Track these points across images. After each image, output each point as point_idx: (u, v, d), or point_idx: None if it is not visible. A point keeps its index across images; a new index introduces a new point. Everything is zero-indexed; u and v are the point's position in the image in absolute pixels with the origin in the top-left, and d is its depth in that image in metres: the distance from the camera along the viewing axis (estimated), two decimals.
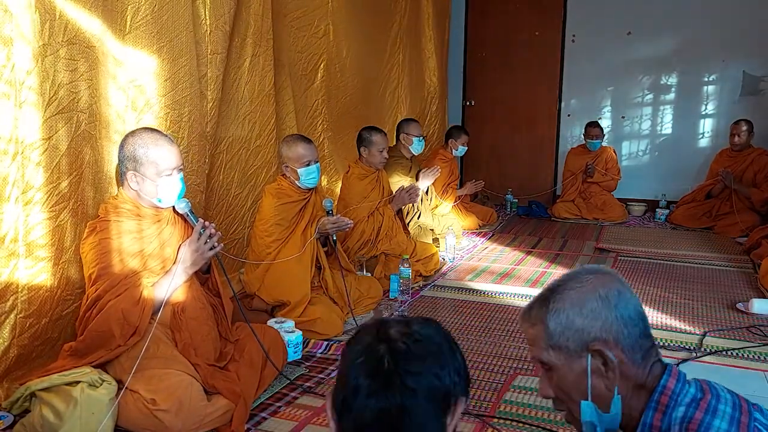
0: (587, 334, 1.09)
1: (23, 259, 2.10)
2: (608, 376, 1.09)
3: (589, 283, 1.12)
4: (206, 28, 2.94)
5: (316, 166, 3.16)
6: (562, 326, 1.10)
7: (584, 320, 1.09)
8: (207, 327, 2.27)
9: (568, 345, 1.10)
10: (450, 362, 0.91)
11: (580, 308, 1.10)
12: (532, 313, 1.16)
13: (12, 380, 2.12)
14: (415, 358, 0.88)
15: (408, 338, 0.90)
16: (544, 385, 1.17)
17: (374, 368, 0.87)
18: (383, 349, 0.89)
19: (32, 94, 2.07)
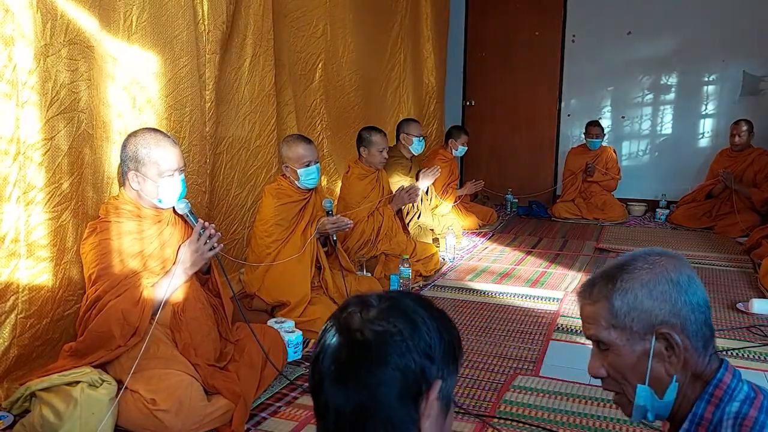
0: (654, 317, 1.07)
1: (24, 260, 2.10)
2: (670, 361, 1.07)
3: (660, 265, 1.10)
4: (204, 28, 2.94)
5: (316, 167, 3.16)
6: (628, 306, 1.08)
7: (653, 302, 1.07)
8: (207, 327, 2.27)
9: (632, 326, 1.07)
10: (413, 348, 0.83)
11: (650, 290, 1.07)
12: (594, 290, 1.12)
13: (12, 380, 2.12)
14: (372, 350, 0.82)
15: (367, 327, 0.83)
16: (595, 363, 1.14)
17: (331, 364, 0.83)
18: (339, 342, 0.84)
19: (34, 95, 2.07)
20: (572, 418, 2.12)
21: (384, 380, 0.81)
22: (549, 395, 2.28)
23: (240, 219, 3.48)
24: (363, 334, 0.83)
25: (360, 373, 0.81)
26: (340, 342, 0.84)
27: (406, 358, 0.82)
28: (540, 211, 5.98)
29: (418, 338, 0.84)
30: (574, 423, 2.09)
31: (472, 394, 2.30)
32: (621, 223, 5.62)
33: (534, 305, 3.30)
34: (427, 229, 4.54)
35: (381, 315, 0.85)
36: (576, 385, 2.36)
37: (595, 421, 2.10)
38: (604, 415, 2.14)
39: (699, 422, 1.06)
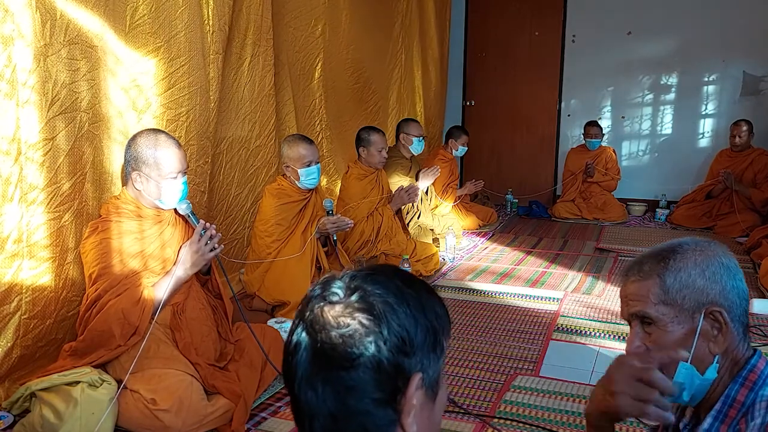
0: (705, 296, 1.09)
1: (27, 260, 2.10)
2: (716, 341, 1.09)
3: (711, 249, 1.12)
4: (209, 29, 2.94)
5: (317, 167, 3.16)
6: (681, 284, 1.09)
7: (705, 281, 1.09)
8: (207, 327, 2.27)
9: (683, 303, 1.09)
10: (389, 339, 0.74)
11: (703, 270, 1.10)
12: (644, 267, 1.14)
13: (13, 380, 2.13)
14: (338, 353, 0.74)
15: (333, 325, 0.75)
16: (635, 342, 1.15)
17: (297, 369, 0.76)
18: (305, 341, 0.76)
19: (34, 95, 2.07)
20: (572, 418, 2.12)
21: (353, 385, 0.73)
22: (549, 395, 2.28)
23: (240, 219, 3.48)
24: (328, 336, 0.75)
25: (328, 378, 0.74)
26: (306, 344, 0.76)
27: (377, 357, 0.74)
28: (540, 211, 5.98)
29: (389, 333, 0.75)
30: (574, 423, 2.09)
31: (472, 394, 2.30)
32: (621, 223, 5.62)
33: (534, 305, 3.30)
34: (427, 229, 4.54)
35: (346, 312, 0.76)
36: (576, 385, 2.36)
37: None
38: None
39: (731, 404, 1.07)
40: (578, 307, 3.27)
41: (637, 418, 1.07)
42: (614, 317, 3.11)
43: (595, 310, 3.21)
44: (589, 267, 4.07)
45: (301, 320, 0.79)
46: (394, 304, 0.77)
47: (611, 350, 2.72)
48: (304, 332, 0.77)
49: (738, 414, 1.06)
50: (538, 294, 3.48)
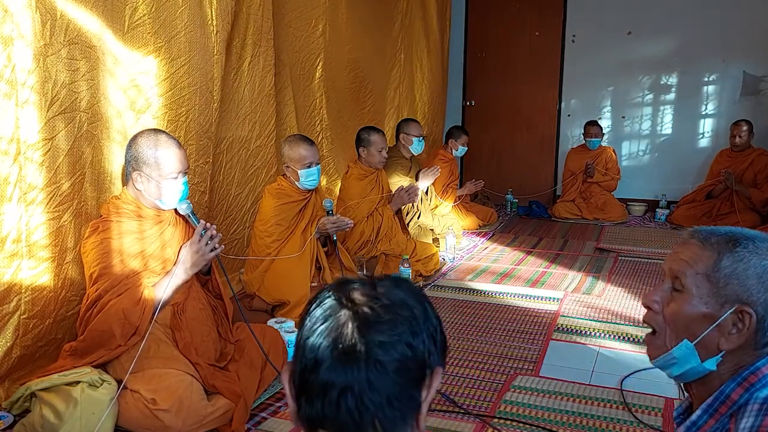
0: (748, 296, 1.05)
1: (26, 260, 2.10)
2: (728, 337, 1.06)
3: None
4: (213, 29, 2.94)
5: (317, 168, 3.16)
6: (733, 271, 1.05)
7: (758, 284, 1.05)
8: (207, 327, 2.27)
9: (722, 289, 1.06)
10: (424, 329, 0.78)
11: (761, 272, 1.05)
12: (712, 239, 1.09)
13: (13, 380, 2.13)
14: (384, 325, 0.75)
15: (375, 302, 0.77)
16: (655, 296, 1.13)
17: (336, 339, 0.74)
18: (345, 315, 0.76)
19: (33, 95, 2.07)
20: (572, 418, 2.12)
21: (394, 358, 0.74)
22: (549, 395, 2.28)
23: (240, 219, 3.48)
24: (373, 309, 0.76)
25: (370, 348, 0.74)
26: (346, 316, 0.76)
27: (417, 338, 0.76)
28: (540, 211, 5.98)
29: (426, 319, 0.79)
30: (574, 423, 2.09)
31: (472, 394, 2.30)
32: (621, 223, 5.62)
33: (534, 305, 3.30)
34: (427, 229, 4.54)
35: (389, 292, 0.78)
36: (576, 385, 2.36)
37: (595, 421, 2.11)
38: (604, 415, 2.14)
39: (723, 401, 1.06)
40: (578, 307, 3.27)
41: None
42: (614, 317, 3.11)
43: (595, 310, 3.21)
44: (589, 267, 4.07)
45: (335, 293, 0.79)
46: (425, 300, 0.81)
47: (611, 350, 2.72)
48: (342, 304, 0.77)
49: (728, 411, 1.05)
50: (538, 294, 3.48)
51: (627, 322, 3.05)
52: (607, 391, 2.31)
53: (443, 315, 3.16)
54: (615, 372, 2.48)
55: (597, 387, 2.35)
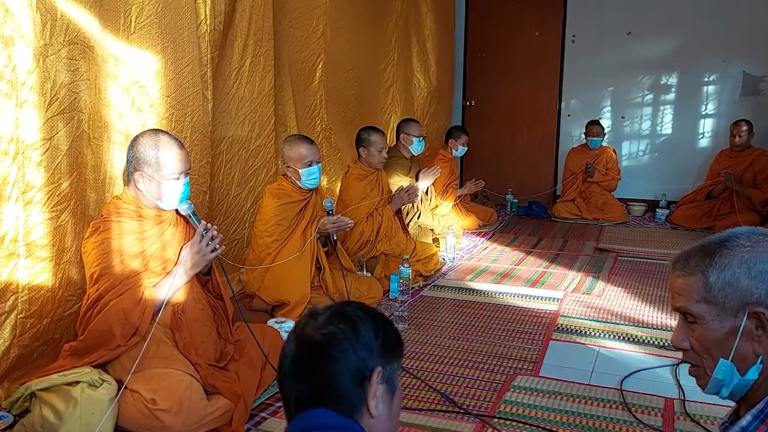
0: (750, 295, 1.05)
1: (23, 260, 2.10)
2: (760, 341, 1.05)
3: (763, 244, 1.07)
4: (206, 28, 2.94)
5: (318, 167, 3.16)
6: (724, 282, 1.06)
7: (751, 281, 1.05)
8: (207, 328, 2.27)
9: (725, 302, 1.06)
10: (356, 344, 1.04)
11: (749, 268, 1.05)
12: (690, 262, 1.11)
13: (12, 380, 2.12)
14: (324, 349, 1.04)
15: (318, 332, 1.05)
16: (680, 335, 1.14)
17: (289, 366, 1.07)
18: (297, 346, 1.07)
19: (33, 94, 2.07)
20: (572, 418, 2.12)
21: (333, 371, 1.03)
22: (549, 395, 2.28)
23: (240, 219, 3.48)
24: (314, 338, 1.05)
25: (314, 367, 1.04)
26: (296, 346, 1.06)
27: (349, 352, 1.03)
28: (540, 211, 5.98)
29: (359, 336, 1.05)
30: (574, 423, 2.09)
31: (472, 394, 2.30)
32: (621, 223, 5.62)
33: (534, 305, 3.30)
34: (427, 229, 4.54)
35: (327, 321, 1.06)
36: (576, 385, 2.36)
37: (595, 421, 2.10)
38: (604, 415, 2.14)
39: (764, 419, 1.05)
40: (578, 307, 3.27)
41: None
42: (614, 317, 3.11)
43: (595, 310, 3.21)
44: (589, 267, 4.07)
45: (293, 332, 1.09)
46: (362, 318, 1.08)
47: (611, 350, 2.72)
48: (296, 339, 1.07)
49: None
50: (538, 294, 3.48)
51: (627, 322, 3.05)
52: (607, 391, 2.31)
53: (443, 315, 3.16)
54: (615, 372, 2.48)
55: (597, 387, 2.35)
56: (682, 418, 2.11)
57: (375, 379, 1.04)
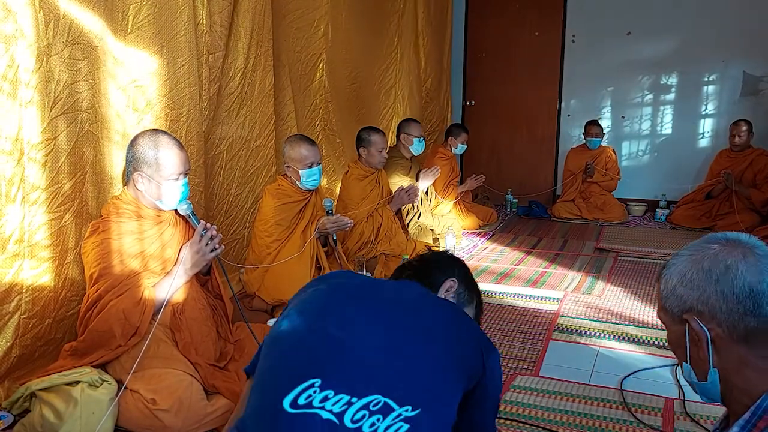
0: (684, 303, 1.11)
1: (27, 260, 2.11)
2: (699, 347, 1.09)
3: (701, 253, 1.12)
4: (203, 29, 2.94)
5: (318, 168, 3.16)
6: (668, 291, 1.14)
7: (684, 289, 1.11)
8: (207, 327, 2.27)
9: (672, 309, 1.14)
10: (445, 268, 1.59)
11: (682, 277, 1.11)
12: (662, 271, 1.19)
13: (13, 380, 2.13)
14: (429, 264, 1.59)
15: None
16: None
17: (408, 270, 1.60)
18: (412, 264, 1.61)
19: (36, 95, 2.07)
20: (572, 418, 2.12)
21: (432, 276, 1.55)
22: (549, 395, 2.29)
23: (240, 219, 3.48)
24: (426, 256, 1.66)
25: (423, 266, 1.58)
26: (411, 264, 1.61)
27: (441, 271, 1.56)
28: (540, 211, 5.98)
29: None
30: (574, 423, 2.10)
31: None
32: (621, 223, 5.62)
33: (534, 305, 3.30)
34: (427, 229, 4.54)
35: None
36: (576, 385, 2.36)
37: (595, 421, 2.11)
38: (604, 415, 2.14)
39: (761, 415, 1.05)
40: (578, 307, 3.27)
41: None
42: (614, 317, 3.11)
43: (595, 310, 3.22)
44: (589, 267, 4.07)
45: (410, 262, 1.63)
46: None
47: (611, 350, 2.72)
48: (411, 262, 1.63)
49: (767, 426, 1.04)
50: (538, 294, 3.48)
51: (627, 322, 3.05)
52: (607, 391, 2.31)
53: None
54: (615, 372, 2.48)
55: (597, 387, 2.35)
56: (682, 418, 2.11)
57: (447, 286, 1.53)
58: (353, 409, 1.08)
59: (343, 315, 1.24)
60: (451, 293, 1.54)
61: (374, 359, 1.16)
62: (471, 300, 1.59)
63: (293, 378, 1.13)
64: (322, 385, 1.11)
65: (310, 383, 1.11)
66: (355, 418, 1.08)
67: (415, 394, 1.12)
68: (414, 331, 1.23)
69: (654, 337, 2.83)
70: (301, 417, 1.08)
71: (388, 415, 1.08)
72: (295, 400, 1.09)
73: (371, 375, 1.14)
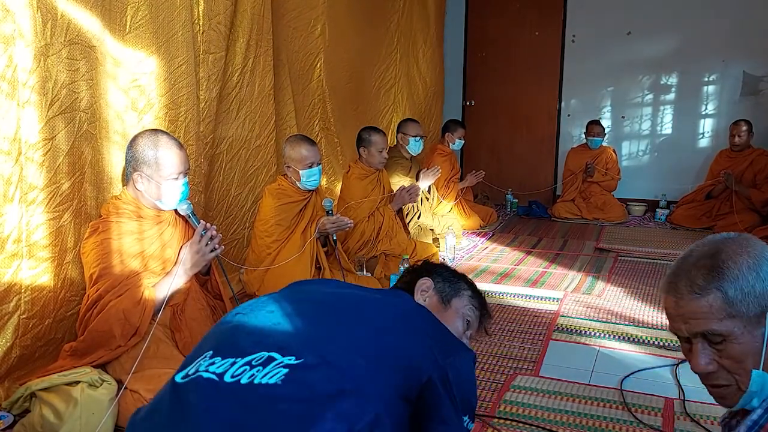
0: (765, 298, 1.06)
1: (26, 260, 2.10)
2: None
3: (753, 247, 1.09)
4: (199, 28, 2.94)
5: (318, 168, 3.16)
6: (743, 292, 1.06)
7: (763, 284, 1.06)
8: (206, 328, 2.27)
9: (750, 311, 1.06)
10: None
11: (758, 272, 1.07)
12: (700, 283, 1.09)
13: (13, 380, 2.13)
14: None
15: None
16: (704, 359, 1.11)
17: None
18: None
19: (34, 95, 2.07)
20: (572, 418, 2.12)
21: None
22: (549, 395, 2.29)
23: (240, 219, 3.48)
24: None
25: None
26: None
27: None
28: (540, 211, 5.98)
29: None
30: (574, 423, 2.09)
31: None
32: (621, 223, 5.62)
33: (534, 305, 3.30)
34: (427, 229, 4.54)
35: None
36: (576, 385, 2.36)
37: (595, 421, 2.11)
38: (604, 415, 2.14)
39: None
40: (578, 307, 3.27)
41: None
42: (614, 317, 3.11)
43: (595, 310, 3.21)
44: (589, 267, 4.07)
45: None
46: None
47: (611, 350, 2.72)
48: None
49: None
50: (538, 294, 3.48)
51: (627, 322, 3.05)
52: (607, 391, 2.31)
53: None
54: (615, 372, 2.48)
55: (597, 387, 2.35)
56: (682, 418, 2.11)
57: (420, 283, 1.57)
58: (235, 366, 1.09)
59: (268, 308, 1.23)
60: (428, 292, 1.56)
61: (273, 328, 1.15)
62: (457, 291, 1.59)
63: (189, 359, 1.17)
64: (212, 355, 1.13)
65: (203, 356, 1.14)
66: (235, 373, 1.07)
67: (305, 351, 1.08)
68: (339, 322, 1.19)
69: (654, 337, 2.83)
70: (185, 384, 1.10)
71: (268, 365, 1.07)
72: (187, 373, 1.12)
73: (263, 338, 1.13)
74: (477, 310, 1.61)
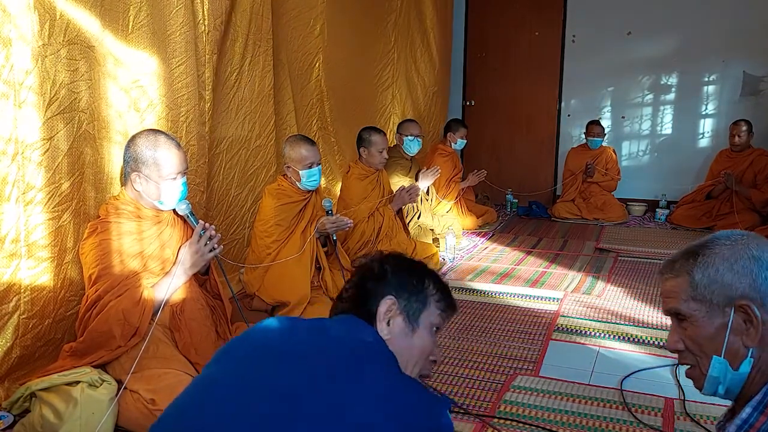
0: (734, 290, 1.10)
1: (25, 260, 2.10)
2: (748, 334, 1.09)
3: (741, 243, 1.13)
4: (204, 28, 2.94)
5: (318, 169, 3.16)
6: (709, 279, 1.12)
7: (734, 276, 1.10)
8: (206, 328, 2.27)
9: (712, 298, 1.11)
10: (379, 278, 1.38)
11: (731, 264, 1.11)
12: (675, 266, 1.18)
13: (13, 380, 2.13)
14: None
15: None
16: (674, 337, 1.19)
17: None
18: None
19: (32, 95, 2.07)
20: (572, 418, 2.12)
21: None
22: (549, 395, 2.28)
23: (240, 219, 3.48)
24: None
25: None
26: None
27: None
28: (540, 211, 5.98)
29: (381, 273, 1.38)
30: (574, 423, 2.09)
31: (472, 394, 2.30)
32: (621, 223, 5.62)
33: (534, 305, 3.30)
34: (427, 229, 4.54)
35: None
36: (576, 385, 2.36)
37: (595, 421, 2.10)
38: (604, 415, 2.14)
39: (763, 409, 1.07)
40: (578, 307, 3.27)
41: None
42: (614, 317, 3.11)
43: (595, 310, 3.21)
44: (589, 267, 4.07)
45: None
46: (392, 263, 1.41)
47: (611, 350, 2.72)
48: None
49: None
50: (538, 294, 3.48)
51: (627, 322, 3.05)
52: (607, 391, 2.31)
53: None
54: (615, 372, 2.48)
55: (597, 387, 2.35)
56: (682, 418, 2.11)
57: (383, 309, 1.31)
58: None
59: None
60: (392, 312, 1.32)
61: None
62: (424, 302, 1.35)
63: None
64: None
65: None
66: None
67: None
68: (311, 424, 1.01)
69: (654, 337, 2.83)
70: None
71: None
72: None
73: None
74: (445, 312, 1.41)
